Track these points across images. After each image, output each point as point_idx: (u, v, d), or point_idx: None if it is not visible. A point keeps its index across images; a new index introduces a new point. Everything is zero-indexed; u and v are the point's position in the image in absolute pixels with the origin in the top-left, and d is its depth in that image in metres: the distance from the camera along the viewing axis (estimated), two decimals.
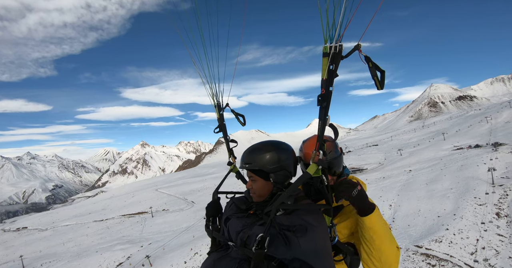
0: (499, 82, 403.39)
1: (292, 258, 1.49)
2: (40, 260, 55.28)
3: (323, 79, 1.50)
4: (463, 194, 38.15)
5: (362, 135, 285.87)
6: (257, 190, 1.92)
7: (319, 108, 1.55)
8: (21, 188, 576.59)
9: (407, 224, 34.54)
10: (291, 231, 1.55)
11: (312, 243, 1.52)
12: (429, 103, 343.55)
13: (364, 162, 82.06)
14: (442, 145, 79.45)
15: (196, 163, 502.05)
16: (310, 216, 1.65)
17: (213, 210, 2.21)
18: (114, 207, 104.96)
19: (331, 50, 1.45)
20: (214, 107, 2.51)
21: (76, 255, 53.77)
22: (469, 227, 30.50)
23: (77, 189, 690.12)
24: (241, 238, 1.69)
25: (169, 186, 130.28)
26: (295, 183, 1.67)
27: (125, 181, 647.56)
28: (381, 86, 1.40)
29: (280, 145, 1.99)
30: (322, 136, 1.65)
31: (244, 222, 1.80)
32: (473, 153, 58.43)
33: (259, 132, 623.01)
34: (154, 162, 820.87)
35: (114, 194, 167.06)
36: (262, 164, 1.86)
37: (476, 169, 45.81)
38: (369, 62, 1.40)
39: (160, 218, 74.30)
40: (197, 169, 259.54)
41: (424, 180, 48.05)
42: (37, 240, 76.56)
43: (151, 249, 48.23)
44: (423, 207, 37.76)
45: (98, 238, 65.32)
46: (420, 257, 27.27)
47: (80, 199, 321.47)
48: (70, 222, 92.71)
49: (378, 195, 45.33)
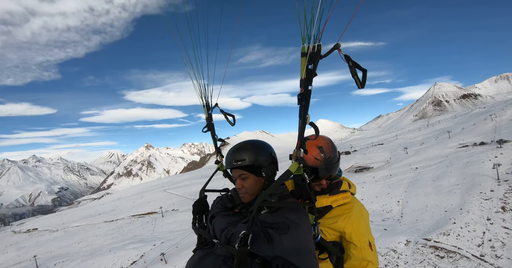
0: (503, 80, 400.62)
1: (274, 256, 1.52)
2: (53, 260, 55.72)
3: (302, 79, 1.56)
4: (469, 189, 39.10)
5: (366, 135, 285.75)
6: (249, 188, 1.91)
7: (299, 107, 1.59)
8: (28, 191, 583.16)
9: (415, 219, 35.62)
10: (274, 228, 1.59)
11: (294, 240, 1.55)
12: (433, 102, 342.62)
13: (370, 160, 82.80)
14: (447, 143, 79.85)
15: (201, 164, 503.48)
16: (293, 214, 1.69)
17: (200, 208, 2.23)
18: (123, 208, 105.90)
19: (309, 50, 1.51)
20: (202, 106, 2.57)
21: (89, 254, 54.38)
22: (475, 220, 31.55)
23: (83, 191, 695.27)
24: (225, 235, 1.74)
25: (177, 187, 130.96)
26: (277, 181, 1.70)
27: (130, 183, 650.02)
28: (361, 85, 1.45)
29: (259, 141, 2.04)
30: (303, 135, 1.69)
31: (228, 220, 1.84)
32: (478, 150, 59.05)
33: (264, 132, 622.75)
34: (159, 164, 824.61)
35: (122, 195, 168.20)
36: (254, 159, 1.88)
37: (482, 165, 46.62)
38: (349, 61, 1.44)
39: (170, 217, 74.94)
40: (202, 170, 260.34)
41: (430, 177, 48.92)
42: (48, 240, 77.09)
43: (164, 247, 48.86)
44: (430, 202, 38.81)
45: (110, 238, 65.93)
46: (429, 249, 28.38)
47: (86, 201, 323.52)
48: (81, 223, 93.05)
49: (386, 192, 46.41)
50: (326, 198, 2.15)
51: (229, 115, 2.51)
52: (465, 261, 26.01)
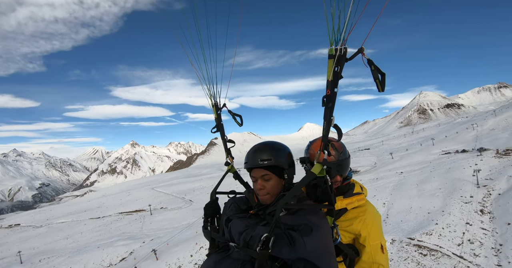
0: (485, 91, 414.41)
1: (296, 258, 1.46)
2: (38, 256, 54.26)
3: (329, 81, 1.56)
4: (451, 193, 41.37)
5: (353, 140, 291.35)
6: (271, 189, 1.88)
7: (324, 109, 1.59)
8: (7, 186, 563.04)
9: (400, 220, 37.44)
10: (296, 230, 1.55)
11: (317, 243, 1.51)
12: (418, 110, 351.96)
13: (357, 164, 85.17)
14: (431, 150, 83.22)
15: (187, 164, 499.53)
16: (313, 216, 1.66)
17: (212, 210, 2.21)
18: (110, 205, 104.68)
19: (337, 53, 1.51)
20: (212, 107, 2.53)
21: (76, 250, 53.32)
22: (456, 222, 33.60)
23: (65, 188, 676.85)
24: (244, 238, 1.68)
25: (165, 186, 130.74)
26: (299, 183, 1.68)
27: (115, 181, 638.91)
28: (382, 88, 1.45)
29: (283, 145, 2.04)
30: (327, 136, 1.70)
31: (246, 222, 1.79)
32: (460, 157, 62.15)
33: (252, 134, 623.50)
34: (144, 162, 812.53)
35: (107, 193, 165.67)
36: (280, 160, 1.88)
37: (463, 171, 49.32)
38: (371, 65, 1.45)
39: (159, 215, 74.69)
40: (190, 170, 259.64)
41: (414, 181, 51.19)
42: (32, 236, 75.26)
43: (154, 244, 48.68)
44: (414, 204, 40.80)
45: (97, 235, 65.12)
46: (413, 247, 30.09)
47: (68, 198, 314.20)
48: (65, 219, 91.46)
49: (373, 194, 48.26)
50: (341, 201, 2.15)
51: (237, 115, 2.50)
52: (446, 259, 27.81)
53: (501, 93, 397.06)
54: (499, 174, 45.24)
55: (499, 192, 39.38)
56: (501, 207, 35.33)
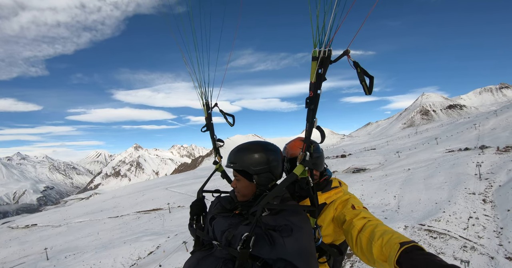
0: (487, 92, 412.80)
1: (276, 258, 1.49)
2: (63, 253, 53.52)
3: (312, 82, 1.55)
4: (456, 186, 44.56)
5: (357, 141, 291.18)
6: (241, 189, 1.94)
7: (307, 110, 1.60)
8: (12, 189, 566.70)
9: (410, 210, 41.03)
10: (277, 231, 1.56)
11: (297, 243, 1.52)
12: (421, 111, 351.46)
13: (365, 163, 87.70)
14: (436, 149, 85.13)
15: (192, 166, 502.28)
16: (295, 217, 1.67)
17: (198, 209, 2.23)
18: (126, 205, 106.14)
19: (320, 54, 1.50)
20: (202, 105, 2.54)
21: (102, 247, 52.93)
22: (461, 210, 37.05)
23: (68, 191, 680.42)
24: (226, 237, 1.68)
25: (178, 186, 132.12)
26: (281, 184, 1.68)
27: (119, 184, 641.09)
28: (369, 91, 1.43)
29: (268, 146, 2.00)
30: (310, 138, 1.71)
31: (229, 221, 1.81)
32: (463, 154, 64.58)
33: (256, 136, 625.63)
34: (148, 165, 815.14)
35: (116, 194, 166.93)
36: (246, 165, 1.87)
37: (466, 166, 52.29)
38: (357, 67, 1.44)
39: (177, 213, 74.98)
40: (197, 171, 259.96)
41: (422, 176, 54.08)
42: (52, 235, 75.02)
43: (180, 238, 48.95)
44: (423, 196, 44.24)
45: (119, 232, 65.25)
46: (424, 232, 33.70)
47: (73, 200, 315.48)
48: (84, 219, 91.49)
49: (383, 188, 51.83)
50: (320, 196, 2.15)
51: (229, 115, 2.51)
52: (454, 241, 31.39)
53: (502, 93, 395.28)
54: (500, 169, 48.27)
55: (500, 184, 42.64)
56: (501, 196, 38.68)
